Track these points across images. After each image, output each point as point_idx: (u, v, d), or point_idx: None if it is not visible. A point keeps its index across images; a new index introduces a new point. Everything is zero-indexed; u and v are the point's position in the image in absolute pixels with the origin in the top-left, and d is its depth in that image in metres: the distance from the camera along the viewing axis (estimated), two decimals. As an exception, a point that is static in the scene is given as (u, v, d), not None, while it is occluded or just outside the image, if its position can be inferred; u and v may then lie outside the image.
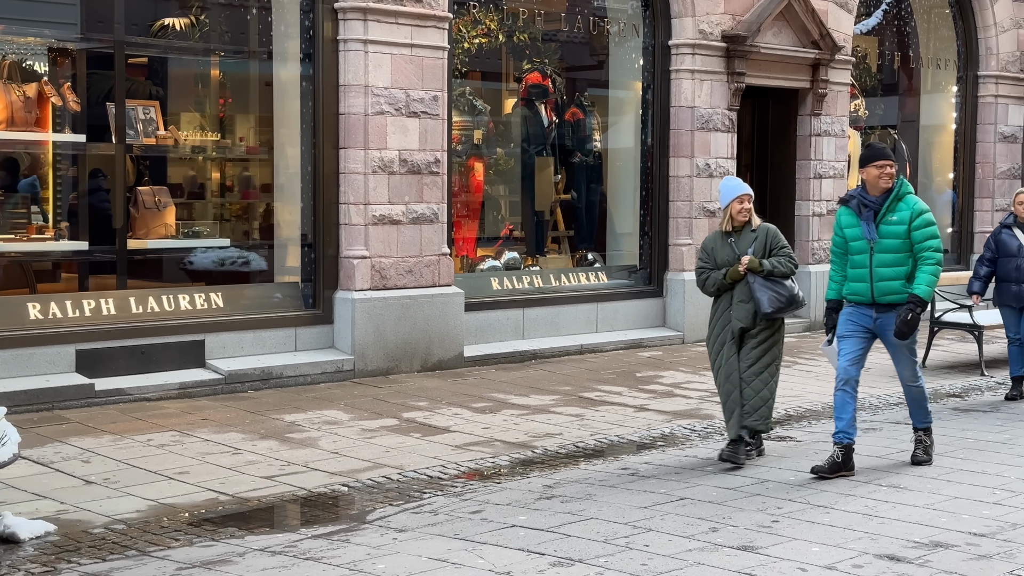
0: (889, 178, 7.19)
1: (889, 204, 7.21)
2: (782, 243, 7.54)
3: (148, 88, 10.78)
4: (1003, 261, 10.14)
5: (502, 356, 11.21)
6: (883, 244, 7.19)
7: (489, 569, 5.32)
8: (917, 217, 7.17)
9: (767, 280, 7.37)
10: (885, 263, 7.19)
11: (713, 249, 7.55)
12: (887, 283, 7.17)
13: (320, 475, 7.09)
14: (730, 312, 7.47)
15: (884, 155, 7.24)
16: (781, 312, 7.40)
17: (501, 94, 13.49)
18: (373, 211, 10.39)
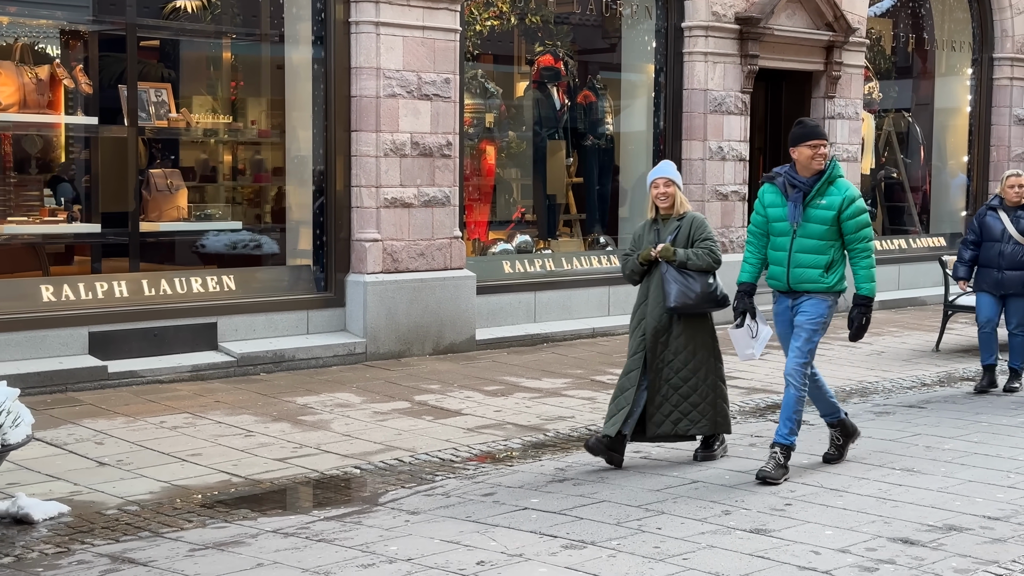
0: (822, 159, 6.67)
1: (819, 187, 6.68)
2: (707, 234, 6.93)
3: (160, 71, 10.78)
4: (986, 245, 9.56)
5: (514, 339, 11.20)
6: (807, 229, 6.68)
7: (501, 551, 5.32)
8: (849, 205, 6.64)
9: (680, 272, 6.81)
10: (805, 249, 6.69)
11: (639, 236, 7.05)
12: (804, 271, 6.69)
13: (332, 457, 7.09)
14: (645, 307, 6.95)
15: (818, 134, 6.74)
16: (688, 309, 6.81)
17: (513, 77, 13.45)
18: (385, 194, 10.37)
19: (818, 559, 5.22)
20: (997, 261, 9.45)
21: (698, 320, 6.91)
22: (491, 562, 5.17)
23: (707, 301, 6.83)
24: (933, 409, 8.77)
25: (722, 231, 13.08)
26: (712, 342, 6.96)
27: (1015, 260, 9.38)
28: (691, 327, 6.87)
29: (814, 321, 6.69)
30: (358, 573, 5.03)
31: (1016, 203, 9.49)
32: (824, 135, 6.78)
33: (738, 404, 8.79)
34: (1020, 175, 9.58)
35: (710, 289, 6.83)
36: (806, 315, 6.72)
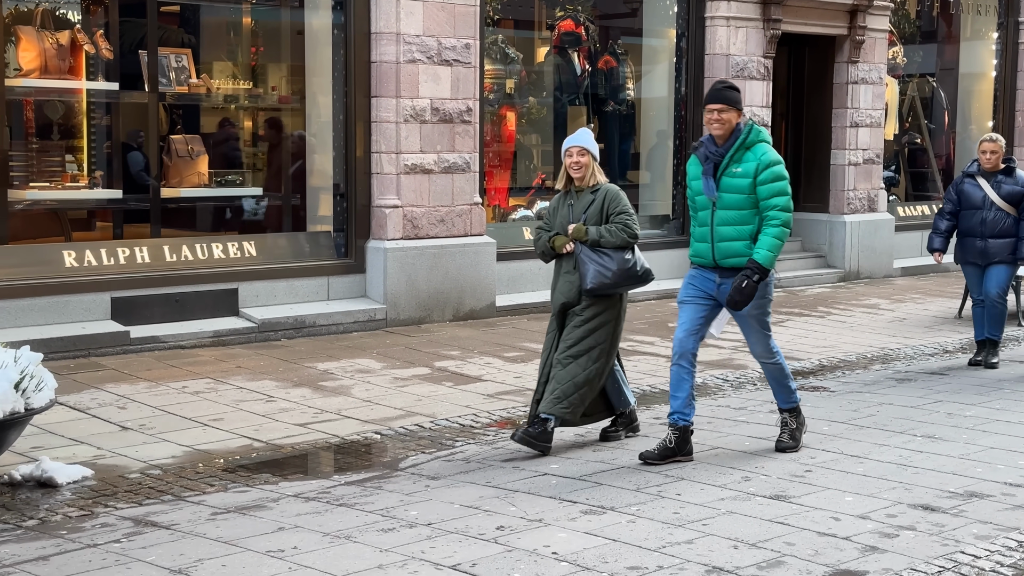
0: (719, 124, 6.15)
1: (734, 154, 6.18)
2: (621, 207, 6.42)
3: (180, 36, 10.76)
4: (965, 214, 8.98)
5: (534, 306, 11.19)
6: (725, 199, 6.19)
7: (521, 516, 5.34)
8: (764, 169, 6.13)
9: (594, 251, 6.35)
10: (727, 221, 6.19)
11: (552, 211, 6.59)
12: (728, 244, 6.18)
13: (353, 423, 7.12)
14: (558, 284, 6.56)
15: (713, 96, 6.22)
16: (607, 289, 6.37)
17: (533, 42, 13.38)
18: (405, 160, 10.35)
19: (838, 525, 5.22)
20: (979, 229, 8.93)
21: (608, 300, 6.46)
22: (511, 527, 5.19)
23: (626, 279, 6.39)
24: (955, 376, 8.73)
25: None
26: (615, 327, 6.50)
27: (997, 227, 8.89)
28: (597, 306, 6.44)
29: (757, 307, 6.26)
30: (379, 537, 5.06)
31: (992, 169, 8.98)
32: (721, 97, 6.20)
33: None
34: (995, 140, 9.09)
35: (628, 266, 6.38)
36: None
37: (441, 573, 4.65)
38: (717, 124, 6.17)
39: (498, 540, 5.03)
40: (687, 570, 4.67)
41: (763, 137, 6.26)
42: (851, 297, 12.77)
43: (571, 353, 6.41)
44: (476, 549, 4.91)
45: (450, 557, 4.81)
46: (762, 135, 6.26)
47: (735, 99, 6.22)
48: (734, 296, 6.11)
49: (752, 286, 6.09)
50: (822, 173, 14.30)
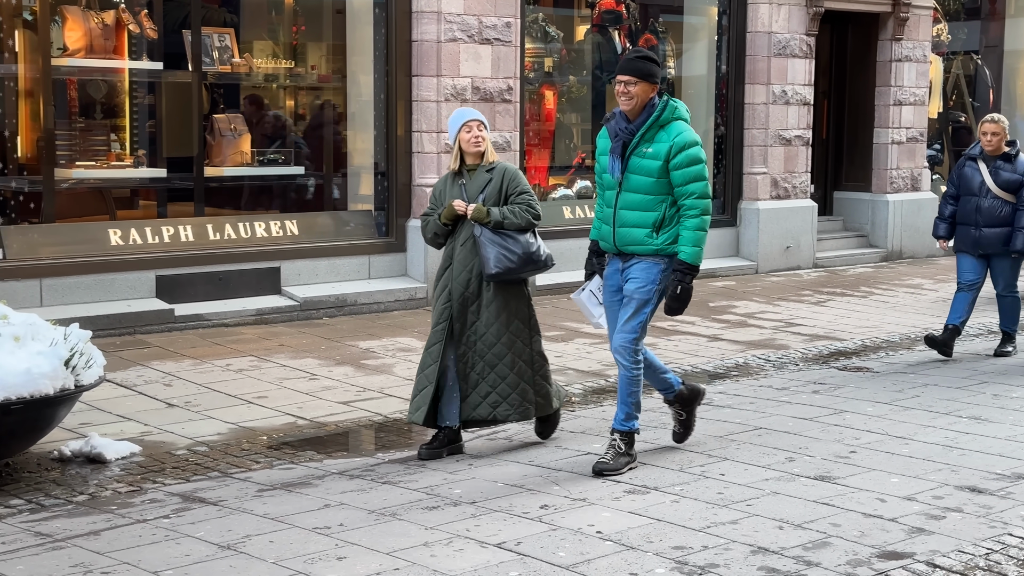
0: (627, 99, 5.57)
1: (645, 132, 5.60)
2: (521, 187, 6.00)
3: (223, 15, 10.80)
4: (963, 200, 8.41)
5: (574, 285, 11.05)
6: (632, 182, 5.62)
7: (564, 495, 5.35)
8: (678, 153, 5.54)
9: (496, 233, 5.89)
10: (631, 205, 5.63)
11: (441, 193, 6.08)
12: (629, 230, 5.65)
13: (395, 401, 7.16)
14: (451, 272, 6.01)
15: (622, 67, 5.65)
16: (511, 274, 5.92)
17: (573, 20, 13.33)
18: (445, 139, 10.35)
19: (884, 507, 5.20)
20: (974, 217, 8.34)
21: (513, 287, 6.01)
22: (554, 506, 5.21)
23: (529, 263, 5.94)
24: (1000, 357, 8.65)
25: (784, 176, 12.93)
26: (528, 311, 6.09)
27: (993, 216, 8.30)
28: (504, 294, 5.97)
29: (644, 290, 5.67)
30: (424, 515, 5.09)
31: (994, 152, 8.36)
32: (637, 69, 5.59)
33: (800, 351, 8.75)
34: (997, 121, 8.40)
35: (531, 249, 5.94)
36: (636, 282, 5.69)
37: (486, 551, 4.67)
38: (625, 98, 5.58)
39: (542, 519, 5.04)
40: (732, 550, 4.67)
41: (680, 115, 5.66)
42: (894, 277, 12.68)
43: (496, 352, 5.93)
44: (521, 527, 4.93)
45: (495, 535, 4.84)
46: (679, 112, 5.66)
47: (648, 71, 5.60)
48: (671, 304, 5.62)
49: (687, 289, 5.59)
50: (864, 152, 14.18)
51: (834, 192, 14.45)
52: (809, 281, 12.27)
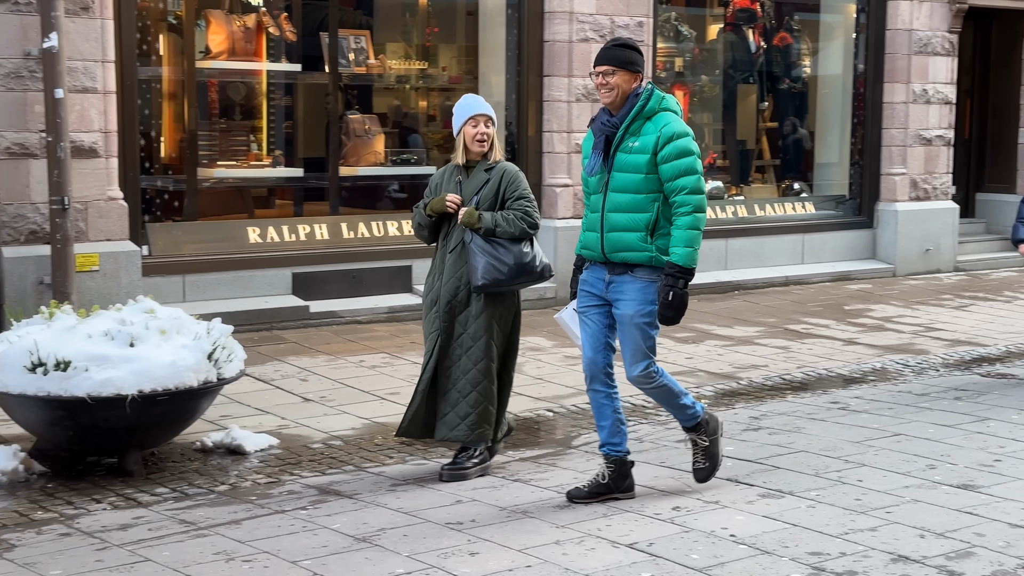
0: (607, 90, 5.07)
1: (629, 125, 5.08)
2: (521, 191, 5.51)
3: (359, 18, 10.98)
4: None
5: (704, 287, 11.07)
6: (618, 180, 5.09)
7: (697, 498, 5.30)
8: (666, 144, 5.00)
9: (488, 241, 5.43)
10: (619, 207, 5.08)
11: (437, 186, 5.64)
12: (619, 235, 5.08)
13: (525, 400, 7.18)
14: (440, 279, 5.57)
15: (599, 58, 5.16)
16: (500, 287, 5.45)
17: (705, 20, 13.20)
18: (576, 139, 10.35)
19: (1030, 518, 5.02)
20: None
21: (506, 299, 5.57)
22: (687, 508, 5.16)
23: (522, 275, 5.48)
24: None
25: (924, 177, 12.60)
26: (512, 327, 5.66)
27: None
28: (493, 307, 5.52)
29: (645, 313, 5.11)
30: (555, 514, 5.09)
31: None
32: (615, 58, 5.10)
33: (941, 356, 8.51)
34: None
35: (525, 260, 5.47)
36: (632, 305, 5.11)
37: (618, 551, 4.65)
38: (604, 90, 5.08)
39: (675, 520, 5.00)
40: (871, 557, 4.56)
41: (667, 105, 5.14)
42: None
43: (461, 367, 5.52)
44: (652, 528, 4.90)
45: (626, 536, 4.81)
46: (666, 102, 5.13)
47: (627, 59, 5.11)
48: (664, 312, 5.06)
49: (680, 295, 5.03)
50: (1008, 152, 13.73)
51: (976, 194, 14.03)
52: (949, 285, 11.92)
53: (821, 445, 6.14)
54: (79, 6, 8.00)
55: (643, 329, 5.14)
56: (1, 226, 7.88)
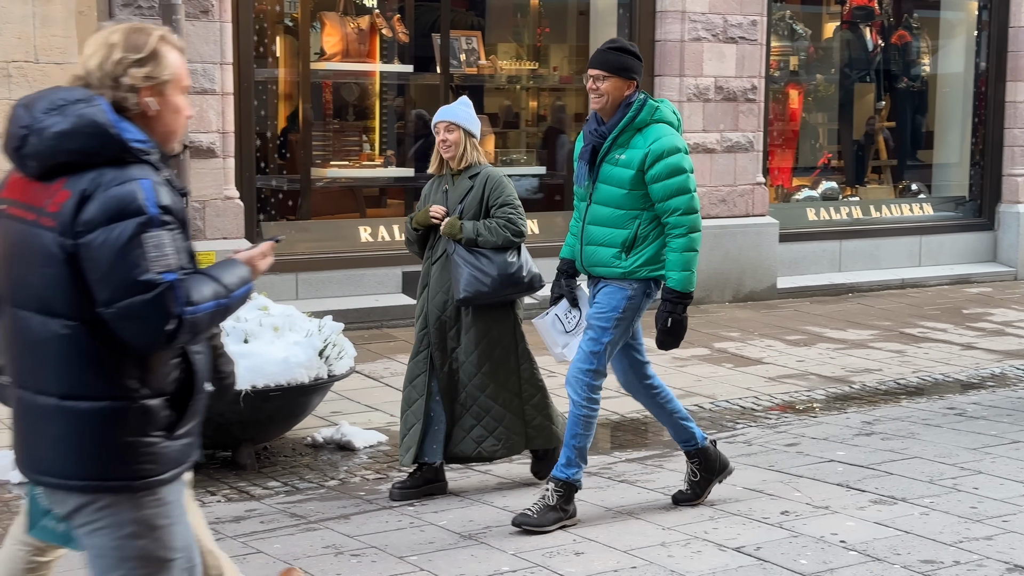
0: (597, 96, 4.80)
1: (618, 136, 4.81)
2: (505, 198, 5.25)
3: (470, 19, 11.06)
4: None
5: (817, 288, 10.91)
6: (601, 193, 4.84)
7: (806, 502, 5.22)
8: (655, 162, 4.73)
9: (470, 251, 5.20)
10: (598, 220, 4.86)
11: (426, 197, 5.46)
12: (595, 249, 4.88)
13: (632, 401, 7.09)
14: (427, 293, 5.37)
15: (592, 61, 4.87)
16: (484, 299, 5.19)
17: (821, 18, 12.99)
18: (687, 139, 10.25)
19: None
20: None
21: (496, 310, 5.30)
22: (795, 512, 5.09)
23: (508, 285, 5.22)
24: None
25: (1048, 179, 12.22)
26: (514, 336, 5.37)
27: None
28: (484, 318, 5.28)
29: (603, 317, 4.88)
30: (661, 515, 5.06)
31: None
32: (608, 62, 4.81)
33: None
34: None
35: (511, 270, 5.22)
36: (596, 307, 4.92)
37: (725, 554, 4.61)
38: (594, 95, 4.81)
39: (783, 525, 4.94)
40: (986, 567, 4.44)
41: (661, 116, 4.84)
42: None
43: (477, 383, 5.29)
44: (760, 532, 4.85)
45: (733, 539, 4.77)
46: (660, 113, 4.83)
47: (620, 64, 4.82)
48: (662, 339, 4.91)
49: (679, 321, 4.83)
50: None
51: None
52: (1073, 289, 11.56)
53: (936, 451, 6.00)
54: (199, 9, 8.21)
55: (597, 332, 4.88)
56: (123, 224, 8.12)
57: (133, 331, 2.58)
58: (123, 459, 2.63)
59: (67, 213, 2.57)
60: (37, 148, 2.61)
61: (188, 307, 2.58)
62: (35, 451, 2.70)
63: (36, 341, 2.63)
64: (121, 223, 2.54)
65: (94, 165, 2.59)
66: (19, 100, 2.70)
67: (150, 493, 2.67)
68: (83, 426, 2.62)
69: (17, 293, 2.67)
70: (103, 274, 2.55)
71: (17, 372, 2.71)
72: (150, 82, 2.69)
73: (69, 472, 2.64)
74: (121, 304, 2.55)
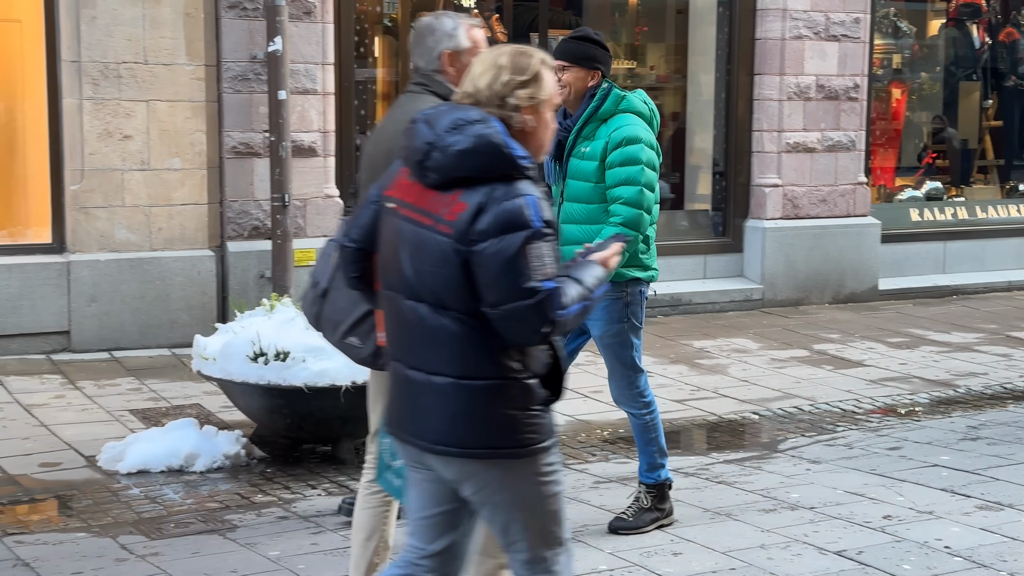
0: (561, 88, 4.54)
1: (582, 128, 4.65)
2: None
3: (568, 18, 11.05)
4: None
5: (920, 290, 10.70)
6: (572, 189, 4.67)
7: (909, 507, 5.13)
8: (613, 150, 4.56)
9: None
10: (572, 217, 4.69)
11: None
12: (571, 248, 4.20)
13: (730, 402, 7.09)
14: None
15: (559, 51, 4.71)
16: None
17: (926, 15, 12.72)
18: (787, 138, 10.16)
19: None
20: None
21: None
22: (898, 517, 5.00)
23: None
24: None
25: None
26: None
27: None
28: None
29: (611, 334, 4.77)
30: (760, 517, 5.01)
31: None
32: (571, 52, 4.65)
33: None
34: None
35: None
36: (597, 326, 4.76)
37: (825, 558, 4.55)
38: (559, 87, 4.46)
39: (885, 529, 4.86)
40: (1099, 578, 4.33)
41: (629, 106, 4.66)
42: None
43: None
44: (862, 537, 4.77)
45: (834, 543, 4.70)
46: (628, 103, 4.65)
47: (581, 53, 4.66)
48: None
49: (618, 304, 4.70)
50: None
51: None
52: None
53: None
54: (302, 11, 8.34)
55: (613, 348, 4.80)
56: (226, 222, 8.29)
57: (513, 330, 2.88)
58: (511, 430, 2.94)
59: (463, 223, 2.85)
60: (440, 163, 2.89)
61: (560, 311, 2.86)
62: (428, 423, 2.98)
63: (429, 328, 2.93)
64: (511, 235, 2.82)
65: (487, 180, 2.87)
66: (417, 116, 2.98)
67: (529, 459, 2.97)
68: (477, 402, 2.92)
69: (410, 286, 2.95)
70: (492, 279, 2.84)
71: (406, 353, 3.00)
72: (532, 102, 2.95)
73: (465, 442, 2.94)
74: (506, 307, 2.84)
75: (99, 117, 7.78)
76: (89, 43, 7.70)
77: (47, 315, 7.73)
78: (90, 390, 6.90)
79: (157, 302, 7.98)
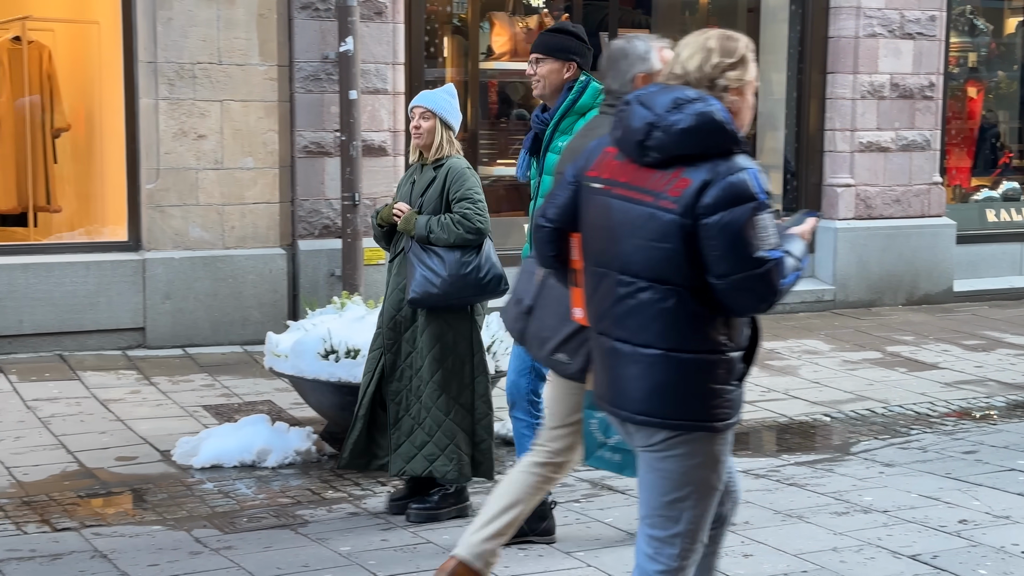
0: (536, 81, 4.48)
1: (559, 122, 4.44)
2: (463, 192, 4.80)
3: (638, 17, 11.01)
4: None
5: (996, 292, 10.52)
6: (547, 185, 4.41)
7: (986, 512, 5.04)
8: None
9: (424, 250, 4.80)
10: None
11: (397, 189, 5.13)
12: None
13: (800, 403, 7.02)
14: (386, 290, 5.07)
15: (537, 43, 4.57)
16: (435, 300, 4.79)
17: (1003, 13, 12.49)
18: (860, 138, 10.03)
19: None
20: None
21: (452, 314, 4.87)
22: (974, 521, 4.92)
23: (464, 289, 4.79)
24: None
25: None
26: (469, 346, 4.92)
27: None
28: (439, 321, 4.86)
29: None
30: (832, 520, 4.96)
31: None
32: (547, 44, 4.51)
33: None
34: None
35: (464, 271, 4.77)
36: None
37: (899, 561, 4.49)
38: (535, 80, 4.50)
39: (961, 534, 4.78)
40: None
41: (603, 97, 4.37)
42: None
43: (430, 394, 4.86)
44: (937, 541, 4.70)
45: (908, 547, 4.64)
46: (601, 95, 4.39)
47: (556, 45, 4.51)
48: None
49: None
50: None
51: None
52: None
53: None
54: (373, 11, 8.40)
55: None
56: (297, 220, 8.37)
57: (741, 301, 2.93)
58: (711, 403, 2.99)
59: (689, 197, 2.89)
60: (662, 141, 2.93)
61: (783, 280, 2.92)
62: (633, 393, 3.02)
63: (642, 302, 2.96)
64: (738, 207, 2.87)
65: (708, 156, 2.91)
66: (631, 96, 3.02)
67: (720, 433, 3.03)
68: (685, 374, 2.97)
69: (624, 262, 2.99)
70: (722, 252, 2.88)
71: (615, 326, 3.03)
72: (738, 84, 3.03)
73: (667, 412, 2.98)
74: (735, 277, 2.88)
75: (174, 117, 7.90)
76: (165, 44, 7.82)
77: (123, 312, 7.87)
78: (164, 386, 7.01)
79: (229, 299, 8.09)
